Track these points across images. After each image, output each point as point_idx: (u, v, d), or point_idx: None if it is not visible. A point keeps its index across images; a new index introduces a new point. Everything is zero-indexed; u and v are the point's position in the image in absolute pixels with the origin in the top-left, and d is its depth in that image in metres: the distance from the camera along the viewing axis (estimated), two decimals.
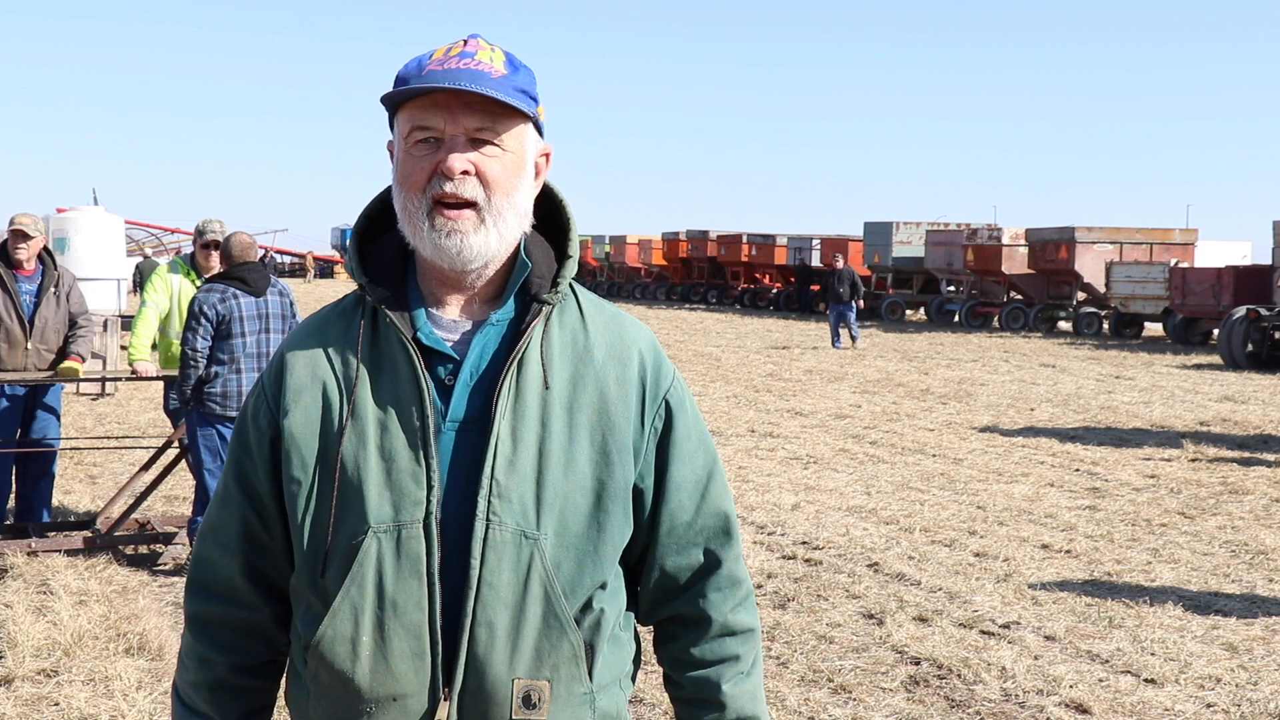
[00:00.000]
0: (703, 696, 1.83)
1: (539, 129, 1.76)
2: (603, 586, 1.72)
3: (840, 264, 23.81)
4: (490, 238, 1.69)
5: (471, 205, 1.67)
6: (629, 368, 1.76)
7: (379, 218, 1.81)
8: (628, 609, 1.83)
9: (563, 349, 1.74)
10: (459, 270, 1.71)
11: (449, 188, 1.66)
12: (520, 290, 1.74)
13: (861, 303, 24.66)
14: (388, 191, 1.78)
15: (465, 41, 1.72)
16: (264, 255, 36.88)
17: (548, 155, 1.79)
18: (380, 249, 1.77)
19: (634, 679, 1.86)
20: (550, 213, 1.82)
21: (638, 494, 1.77)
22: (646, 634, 1.95)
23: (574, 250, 1.79)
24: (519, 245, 1.75)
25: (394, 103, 1.71)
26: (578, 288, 1.81)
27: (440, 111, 1.66)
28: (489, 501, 1.66)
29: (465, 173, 1.66)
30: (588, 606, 1.71)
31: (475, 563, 1.65)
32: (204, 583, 1.83)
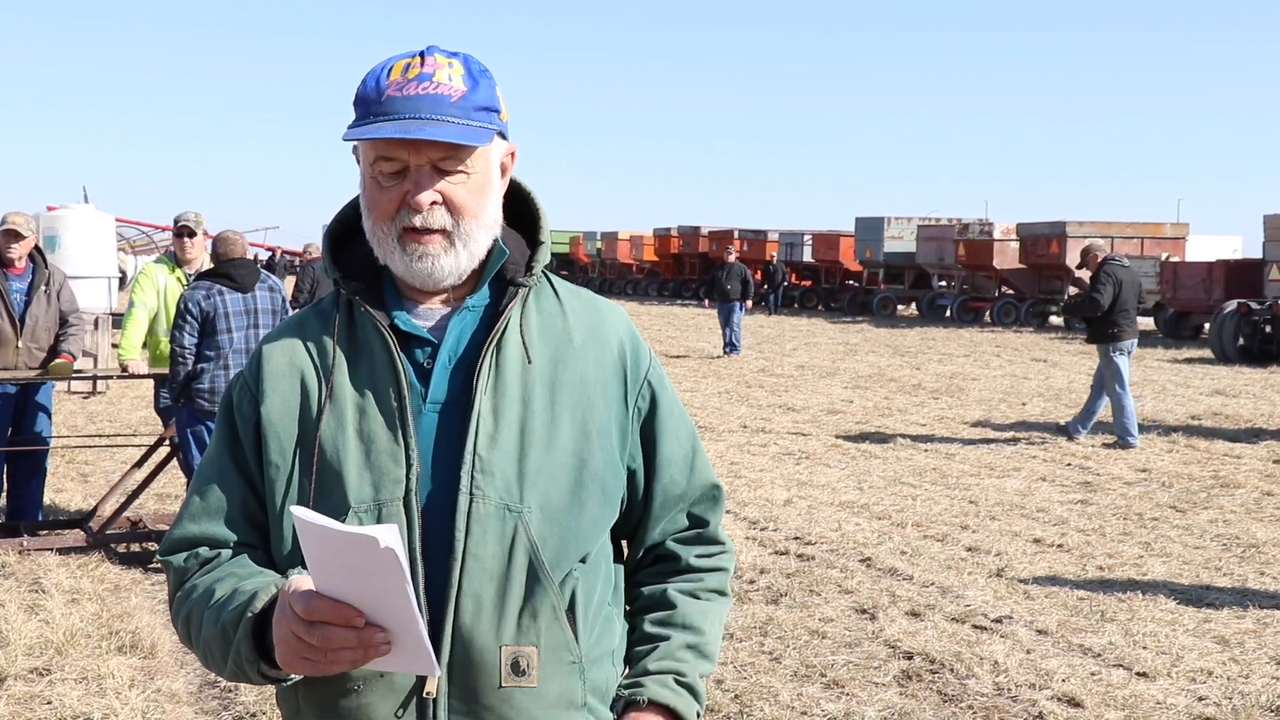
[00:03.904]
0: (650, 603, 1.87)
1: (503, 134, 1.76)
2: (583, 560, 1.74)
3: (731, 257, 22.06)
4: (461, 258, 1.72)
5: (441, 231, 1.70)
6: (607, 350, 1.80)
7: (354, 220, 1.82)
8: (617, 586, 1.86)
9: (542, 330, 1.77)
10: (430, 287, 1.75)
11: (418, 220, 1.68)
12: (496, 276, 1.78)
13: (750, 304, 21.99)
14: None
15: (422, 59, 1.70)
16: (272, 256, 36.52)
17: (513, 153, 1.81)
18: (355, 248, 1.80)
19: (626, 660, 1.87)
20: (519, 207, 1.85)
21: (630, 475, 1.82)
22: None
23: (545, 237, 1.82)
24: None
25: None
26: (552, 275, 1.86)
27: (404, 143, 1.67)
28: (472, 476, 1.68)
29: (434, 203, 1.69)
30: (569, 578, 1.73)
31: (460, 536, 1.67)
32: (194, 541, 1.75)
